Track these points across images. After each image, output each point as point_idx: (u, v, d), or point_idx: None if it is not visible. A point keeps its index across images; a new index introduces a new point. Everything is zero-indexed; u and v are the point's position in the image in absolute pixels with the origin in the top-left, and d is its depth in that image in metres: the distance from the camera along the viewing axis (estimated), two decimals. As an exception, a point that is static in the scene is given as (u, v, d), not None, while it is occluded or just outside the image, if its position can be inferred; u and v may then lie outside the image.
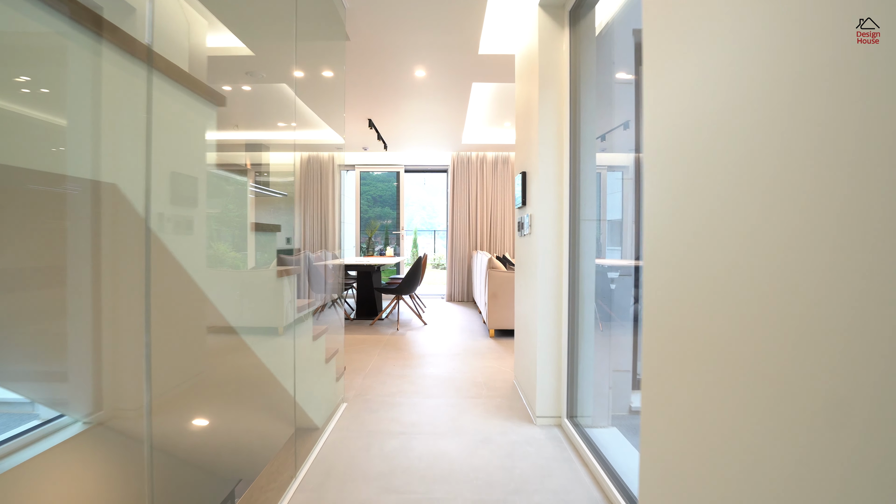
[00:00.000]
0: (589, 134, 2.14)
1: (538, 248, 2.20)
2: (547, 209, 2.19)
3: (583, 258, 2.14)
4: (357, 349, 3.75)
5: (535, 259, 2.25)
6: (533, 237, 2.31)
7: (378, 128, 5.22)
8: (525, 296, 2.55)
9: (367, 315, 5.16)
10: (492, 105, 4.89)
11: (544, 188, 2.19)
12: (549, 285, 2.20)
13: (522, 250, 2.61)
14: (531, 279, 2.37)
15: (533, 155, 2.32)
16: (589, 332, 2.17)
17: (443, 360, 3.40)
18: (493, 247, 6.53)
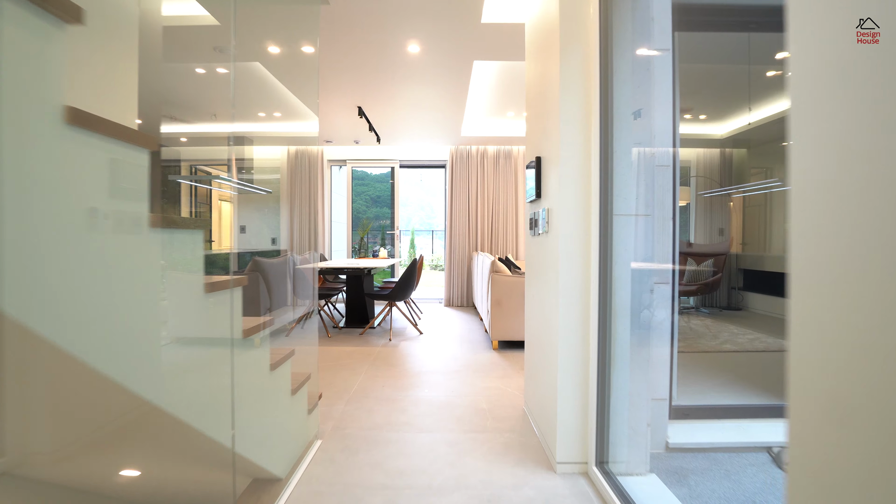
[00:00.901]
0: (623, 110, 1.69)
1: (558, 249, 1.75)
2: (570, 202, 1.74)
3: (616, 262, 1.69)
4: (342, 364, 3.29)
5: (554, 263, 1.80)
6: (551, 237, 1.86)
7: (369, 117, 4.77)
8: (539, 306, 2.09)
9: (357, 323, 4.70)
10: (493, 92, 4.44)
11: (567, 176, 1.74)
12: (572, 295, 1.74)
13: (536, 252, 2.15)
14: (548, 287, 1.91)
15: (551, 136, 1.87)
16: (623, 353, 1.72)
17: (440, 379, 2.94)
18: (494, 248, 6.08)
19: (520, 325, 3.63)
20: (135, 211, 0.93)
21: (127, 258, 0.92)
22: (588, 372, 1.76)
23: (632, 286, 1.72)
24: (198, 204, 6.99)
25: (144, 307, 0.98)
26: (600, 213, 1.68)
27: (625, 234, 1.70)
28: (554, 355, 1.81)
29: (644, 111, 1.77)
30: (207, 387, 1.29)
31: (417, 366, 3.27)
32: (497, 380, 2.92)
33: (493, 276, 3.63)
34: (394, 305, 4.41)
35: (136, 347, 0.96)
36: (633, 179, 1.73)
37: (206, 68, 3.71)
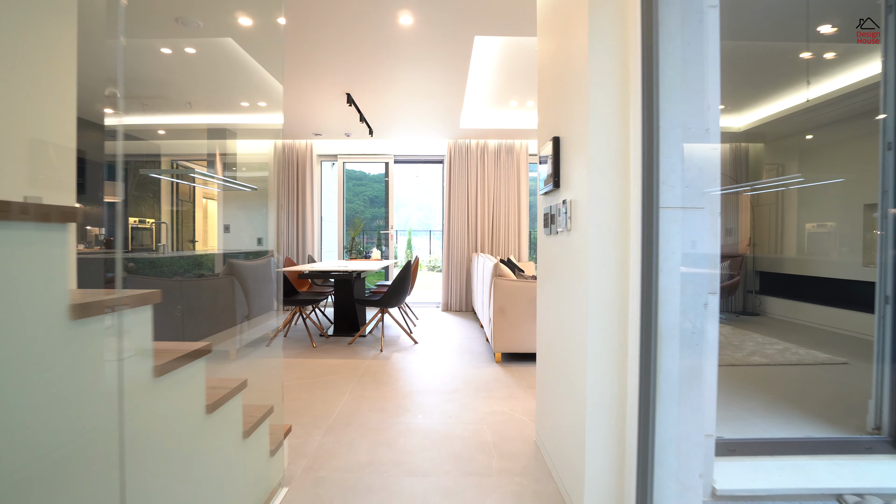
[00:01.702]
0: (670, 73, 1.31)
1: (587, 251, 1.36)
2: (602, 192, 1.34)
3: (663, 267, 1.30)
4: (326, 381, 2.89)
5: (580, 268, 1.41)
6: (576, 235, 1.46)
7: (360, 106, 4.37)
8: (556, 320, 1.70)
9: (346, 330, 4.30)
10: (495, 78, 4.05)
11: (599, 159, 1.35)
12: (606, 310, 1.35)
13: (553, 254, 1.76)
14: (571, 298, 1.52)
15: (576, 111, 1.48)
16: (671, 385, 1.33)
17: (435, 401, 2.54)
18: (495, 249, 5.70)
19: (526, 335, 3.24)
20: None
21: None
22: (625, 408, 1.37)
23: (681, 298, 1.33)
24: (180, 202, 6.59)
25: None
26: (643, 205, 1.29)
27: (672, 231, 1.31)
28: (580, 384, 1.42)
29: (693, 73, 1.38)
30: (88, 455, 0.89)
31: (410, 383, 2.87)
32: (502, 401, 2.53)
33: (496, 280, 3.23)
34: (386, 312, 4.02)
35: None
36: (679, 162, 1.34)
37: (172, 47, 3.31)
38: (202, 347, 1.17)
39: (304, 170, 5.77)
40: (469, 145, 5.66)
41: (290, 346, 3.86)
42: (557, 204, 1.65)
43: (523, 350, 3.27)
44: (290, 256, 5.78)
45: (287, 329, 4.30)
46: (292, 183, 5.78)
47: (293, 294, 4.24)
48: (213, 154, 5.30)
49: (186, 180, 5.46)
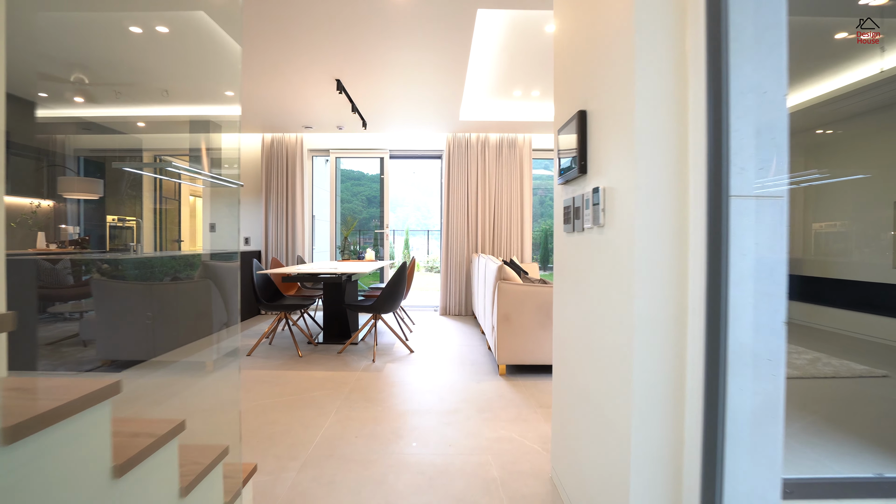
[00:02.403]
0: (743, 23, 0.99)
1: (632, 254, 1.03)
2: (652, 177, 1.02)
3: (733, 276, 0.98)
4: (309, 399, 2.56)
5: (621, 274, 1.08)
6: (613, 233, 1.14)
7: (351, 94, 4.04)
8: (586, 337, 1.38)
9: (337, 338, 3.97)
10: (498, 65, 3.73)
11: (646, 134, 1.02)
12: (659, 327, 1.02)
13: (578, 256, 1.44)
14: (607, 311, 1.20)
15: (610, 73, 1.16)
16: (742, 427, 1.02)
17: (432, 424, 2.22)
18: (496, 249, 5.37)
19: (534, 345, 2.92)
20: None
21: None
22: (682, 455, 1.05)
23: (755, 315, 1.01)
24: (163, 199, 6.25)
25: None
26: (710, 194, 0.97)
27: (744, 227, 1.00)
28: (621, 423, 1.10)
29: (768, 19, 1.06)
30: None
31: (404, 401, 2.55)
32: (509, 425, 2.21)
33: (501, 285, 2.91)
34: (379, 318, 3.70)
35: None
36: (751, 137, 1.02)
37: (142, 25, 2.98)
38: (108, 385, 0.84)
39: (293, 165, 5.43)
40: (469, 139, 5.33)
41: (274, 355, 3.53)
42: (584, 194, 1.33)
43: (531, 362, 2.95)
44: (281, 257, 5.45)
45: (272, 336, 3.97)
46: (281, 179, 5.44)
47: (278, 298, 3.91)
48: (196, 148, 4.96)
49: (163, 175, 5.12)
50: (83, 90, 3.95)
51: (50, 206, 5.16)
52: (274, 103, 4.41)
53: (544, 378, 2.94)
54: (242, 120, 5.00)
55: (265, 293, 3.76)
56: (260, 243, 5.62)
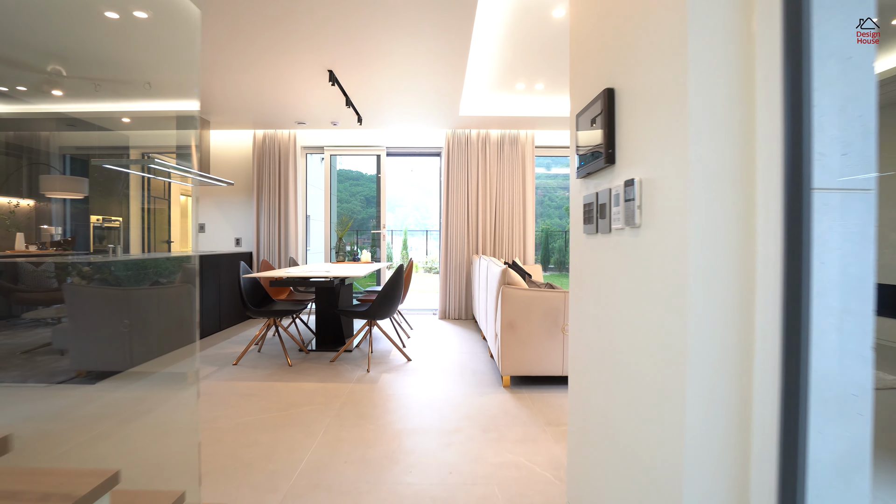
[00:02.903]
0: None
1: (682, 260, 0.81)
2: (712, 166, 0.80)
3: (817, 287, 0.77)
4: (297, 415, 2.34)
5: (666, 286, 0.86)
6: (653, 235, 0.92)
7: (346, 87, 3.82)
8: (614, 356, 1.16)
9: (330, 345, 3.75)
10: (500, 55, 3.52)
11: (704, 111, 0.80)
12: (718, 354, 0.80)
13: (603, 261, 1.22)
14: (643, 329, 0.98)
15: (648, 41, 0.94)
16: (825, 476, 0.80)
17: (432, 446, 2.00)
18: (498, 250, 5.16)
19: (541, 355, 2.71)
20: None
21: None
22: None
23: (839, 339, 0.80)
24: (151, 199, 6.02)
25: None
26: (787, 186, 0.75)
27: (828, 228, 0.78)
28: (669, 472, 0.88)
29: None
30: None
31: (400, 417, 2.33)
32: (516, 447, 1.99)
33: (505, 289, 2.69)
34: (374, 324, 3.48)
35: None
36: (834, 115, 0.81)
37: (119, 10, 2.76)
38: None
39: (286, 163, 5.21)
40: (469, 136, 5.12)
41: (262, 364, 3.31)
42: (611, 189, 1.11)
43: (538, 373, 2.73)
44: (273, 258, 5.23)
45: (261, 343, 3.75)
46: (273, 177, 5.22)
47: (267, 303, 3.69)
48: (185, 146, 4.74)
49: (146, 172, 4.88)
50: (60, 82, 3.72)
51: (30, 205, 4.92)
52: (265, 98, 4.19)
53: (552, 391, 2.72)
54: (233, 116, 4.78)
55: (253, 298, 3.54)
56: (251, 244, 5.40)
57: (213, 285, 4.36)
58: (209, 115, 4.74)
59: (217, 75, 3.64)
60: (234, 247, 5.42)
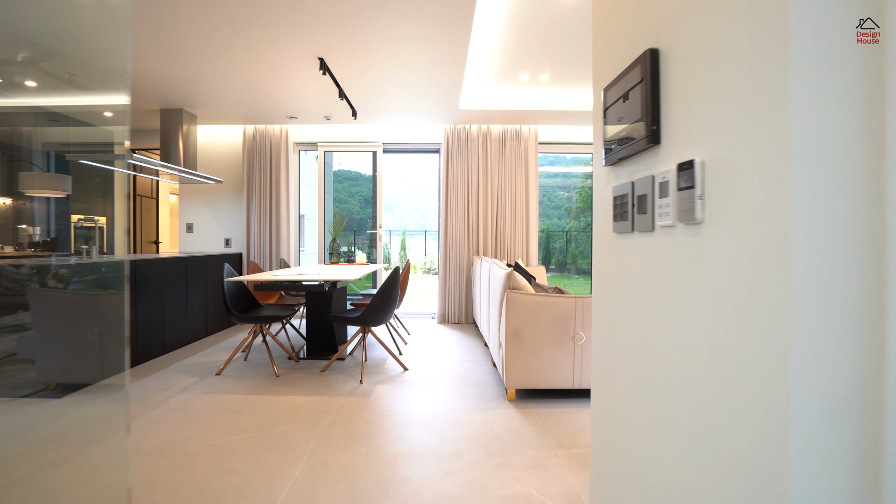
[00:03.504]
0: None
1: (786, 276, 0.58)
2: (822, 139, 0.56)
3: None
4: (278, 437, 2.11)
5: (754, 311, 0.62)
6: (727, 236, 0.68)
7: (338, 78, 3.59)
8: (658, 394, 0.92)
9: (322, 352, 3.51)
10: (503, 43, 3.29)
11: (811, 61, 0.57)
12: (842, 414, 0.57)
13: (646, 271, 0.98)
14: (711, 365, 0.74)
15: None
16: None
17: (430, 474, 1.77)
18: (499, 251, 4.93)
19: (550, 366, 2.47)
20: None
21: None
22: None
23: None
24: (139, 198, 5.77)
25: None
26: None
27: None
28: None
29: None
30: None
31: (394, 438, 2.09)
32: (525, 474, 1.75)
33: (510, 294, 2.46)
34: (369, 331, 3.24)
35: None
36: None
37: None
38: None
39: (277, 160, 4.97)
40: (469, 131, 4.88)
41: (248, 374, 3.07)
42: (654, 176, 0.88)
43: (546, 386, 2.50)
44: (264, 260, 4.99)
45: (248, 350, 3.51)
46: (264, 175, 4.98)
47: (254, 308, 3.45)
48: (171, 141, 4.50)
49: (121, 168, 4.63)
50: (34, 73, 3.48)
51: (6, 204, 4.68)
52: (254, 90, 3.95)
53: (561, 405, 2.49)
54: (221, 110, 4.54)
55: (239, 303, 3.30)
56: (241, 245, 5.16)
57: (199, 289, 4.12)
58: (196, 109, 4.50)
59: (202, 66, 3.40)
60: (224, 247, 5.18)
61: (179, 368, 3.21)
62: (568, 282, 10.53)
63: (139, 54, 3.18)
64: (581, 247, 11.73)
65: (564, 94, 4.31)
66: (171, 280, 3.69)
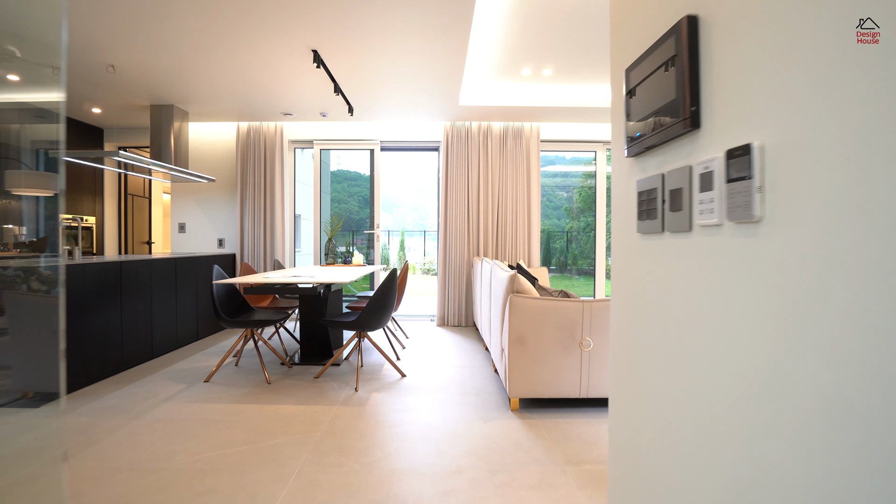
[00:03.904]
0: None
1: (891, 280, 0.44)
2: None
3: None
4: (266, 451, 1.97)
5: (846, 330, 0.49)
6: (800, 234, 0.55)
7: (334, 72, 3.45)
8: (716, 436, 0.79)
9: (316, 357, 3.38)
10: (504, 37, 3.15)
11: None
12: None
13: (680, 280, 0.84)
14: (784, 399, 0.61)
15: None
16: None
17: (428, 496, 1.63)
18: (500, 252, 4.80)
19: (554, 374, 2.34)
20: None
21: None
22: None
23: None
24: (127, 197, 5.63)
25: None
26: None
27: None
28: None
29: None
30: None
31: (391, 452, 1.95)
32: (532, 494, 1.62)
33: (514, 298, 2.32)
34: (365, 336, 3.10)
35: None
36: None
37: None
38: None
39: (272, 157, 4.83)
40: (469, 128, 4.75)
41: (238, 381, 2.93)
42: (694, 165, 0.75)
43: (551, 395, 2.37)
44: (258, 261, 4.85)
45: (239, 356, 3.37)
46: (258, 173, 4.84)
47: (245, 311, 3.32)
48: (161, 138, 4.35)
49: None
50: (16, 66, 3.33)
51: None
52: (247, 85, 3.81)
53: (568, 416, 2.36)
54: (213, 107, 4.40)
55: (229, 306, 3.16)
56: (235, 246, 5.02)
57: (190, 291, 3.98)
58: (187, 105, 4.36)
59: (192, 60, 3.26)
60: (217, 248, 5.04)
61: (167, 375, 3.07)
62: (569, 283, 10.40)
63: (128, 47, 3.04)
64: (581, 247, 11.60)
65: (568, 90, 4.18)
66: (160, 282, 3.54)
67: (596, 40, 3.17)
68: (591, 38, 3.13)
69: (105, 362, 2.95)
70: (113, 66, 3.32)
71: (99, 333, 2.90)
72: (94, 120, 4.85)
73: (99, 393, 2.69)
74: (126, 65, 3.33)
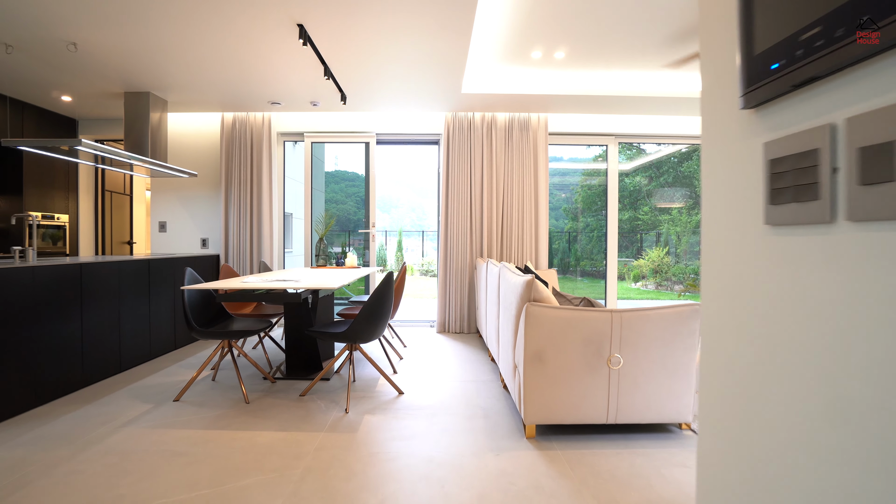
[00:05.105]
0: None
1: None
2: None
3: None
4: (234, 495, 1.61)
5: None
6: None
7: (324, 54, 3.10)
8: None
9: (303, 370, 3.02)
10: (514, 12, 2.81)
11: None
12: None
13: (842, 279, 0.50)
14: None
15: None
16: None
17: (432, 563, 1.28)
18: (506, 253, 4.45)
19: (578, 397, 1.99)
20: None
21: None
22: None
23: None
24: (105, 194, 5.25)
25: None
26: None
27: None
28: None
29: None
30: None
31: (385, 499, 1.60)
32: (564, 565, 1.27)
33: (531, 308, 1.97)
34: (357, 349, 2.75)
35: None
36: None
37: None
38: None
39: (259, 151, 4.47)
40: (472, 119, 4.41)
41: (212, 400, 2.57)
42: None
43: (575, 421, 2.02)
44: (244, 262, 4.48)
45: (216, 370, 3.01)
46: (244, 168, 4.48)
47: (223, 320, 2.96)
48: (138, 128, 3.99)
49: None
50: (-34, 44, 2.96)
51: (-51, 199, 4.15)
52: (231, 71, 3.45)
53: (593, 445, 2.01)
54: (194, 95, 4.04)
55: (204, 314, 2.80)
56: (219, 246, 4.65)
57: (167, 296, 3.62)
58: (165, 93, 4.00)
59: (164, 38, 2.90)
60: (200, 248, 4.67)
61: (133, 392, 2.71)
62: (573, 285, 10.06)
63: (89, 21, 2.68)
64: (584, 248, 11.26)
65: (581, 77, 3.84)
66: (131, 287, 3.18)
67: (619, 18, 2.83)
68: (614, 15, 2.80)
69: (61, 379, 2.58)
70: (74, 43, 2.96)
71: (54, 346, 2.53)
72: (65, 110, 4.48)
73: (49, 416, 2.32)
74: (89, 42, 2.97)
